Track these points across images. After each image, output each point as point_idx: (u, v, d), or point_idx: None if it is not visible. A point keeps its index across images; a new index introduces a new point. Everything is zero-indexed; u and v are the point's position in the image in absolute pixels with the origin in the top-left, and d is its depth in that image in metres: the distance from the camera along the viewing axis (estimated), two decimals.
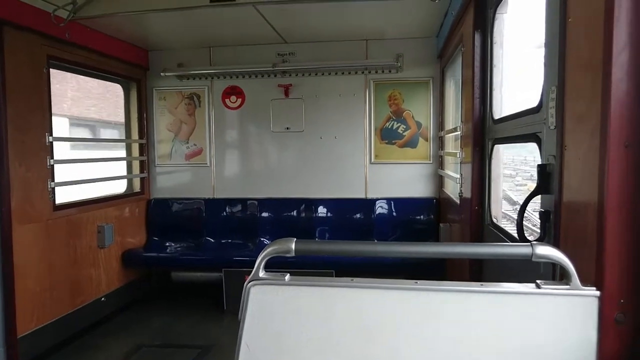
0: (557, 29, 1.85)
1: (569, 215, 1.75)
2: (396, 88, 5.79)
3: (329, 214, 5.98)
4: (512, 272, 2.41)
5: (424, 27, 5.23)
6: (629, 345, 1.46)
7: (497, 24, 3.25)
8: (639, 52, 1.40)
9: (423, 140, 5.81)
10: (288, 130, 6.01)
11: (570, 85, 1.76)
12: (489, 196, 3.36)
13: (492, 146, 3.27)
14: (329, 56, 5.69)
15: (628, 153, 1.43)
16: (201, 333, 4.98)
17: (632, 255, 1.44)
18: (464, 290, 1.50)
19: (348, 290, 1.54)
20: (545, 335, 1.47)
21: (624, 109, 1.42)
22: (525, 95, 2.46)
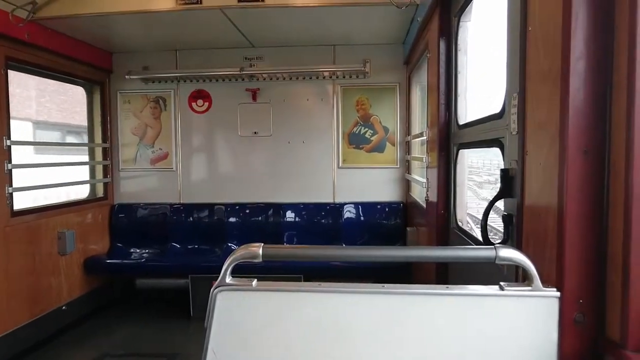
0: (518, 38, 1.90)
1: (531, 219, 1.80)
2: (363, 93, 5.85)
3: (297, 219, 5.97)
4: (477, 275, 2.46)
5: (391, 34, 5.30)
6: (588, 344, 1.51)
7: (461, 32, 3.32)
8: (596, 61, 1.45)
9: (390, 145, 5.87)
10: (256, 134, 5.98)
11: (530, 93, 1.81)
12: (454, 200, 3.42)
13: (457, 151, 3.33)
14: (296, 61, 5.70)
15: (586, 159, 1.48)
16: (167, 341, 4.89)
17: (590, 257, 1.49)
18: (430, 293, 1.52)
19: (316, 295, 1.54)
20: (509, 335, 1.50)
21: (582, 116, 1.47)
22: (490, 101, 2.52)
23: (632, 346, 1.37)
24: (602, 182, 1.48)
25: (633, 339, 1.37)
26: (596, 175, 1.48)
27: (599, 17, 1.45)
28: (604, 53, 1.45)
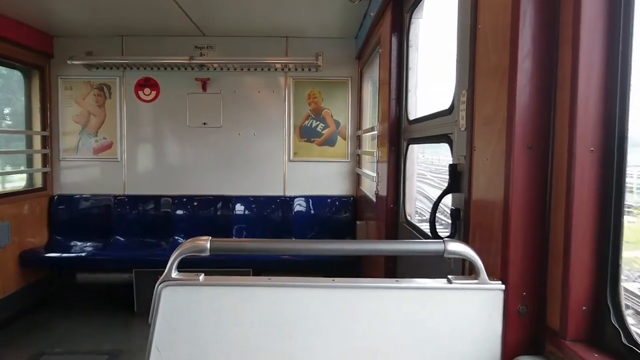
0: (468, 35, 1.93)
1: (477, 213, 1.84)
2: (315, 87, 5.84)
3: (247, 212, 5.91)
4: (426, 268, 2.50)
5: (344, 28, 5.30)
6: (529, 334, 1.56)
7: (412, 28, 3.36)
8: (542, 59, 1.49)
9: (341, 139, 5.90)
10: (205, 125, 5.86)
11: (479, 90, 1.84)
12: (403, 194, 3.46)
13: (407, 146, 3.37)
14: (248, 51, 5.61)
15: (530, 155, 1.52)
16: (109, 338, 4.72)
17: (533, 250, 1.54)
18: (379, 286, 1.53)
19: (265, 289, 1.51)
20: (456, 327, 1.53)
21: (527, 113, 1.51)
22: (440, 97, 2.56)
23: (571, 335, 1.43)
24: (545, 177, 1.52)
25: (571, 329, 1.43)
26: (540, 171, 1.52)
27: (546, 16, 1.49)
28: (550, 52, 1.49)
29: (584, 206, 1.40)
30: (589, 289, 1.43)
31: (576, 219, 1.40)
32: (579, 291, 1.43)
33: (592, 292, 1.43)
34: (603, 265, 1.41)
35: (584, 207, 1.40)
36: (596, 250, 1.42)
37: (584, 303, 1.43)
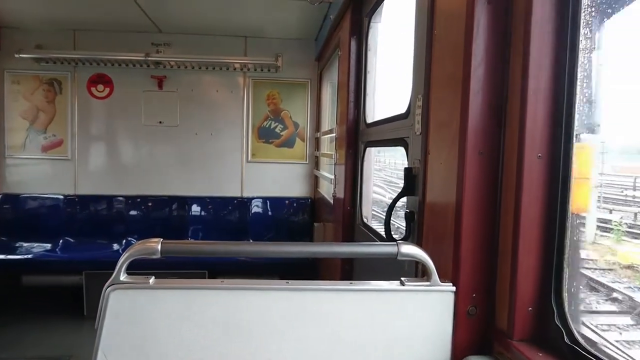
0: (424, 41, 1.96)
1: (431, 216, 1.87)
2: (275, 87, 5.81)
3: (203, 213, 5.82)
4: (381, 270, 2.53)
5: (304, 29, 5.30)
6: (479, 335, 1.59)
7: (371, 32, 3.39)
8: (494, 67, 1.54)
9: (300, 141, 5.89)
10: (161, 124, 5.73)
11: (434, 95, 1.88)
12: (360, 197, 3.49)
13: (364, 149, 3.40)
14: (206, 50, 5.52)
15: (481, 160, 1.56)
16: (58, 343, 4.54)
17: (484, 253, 1.58)
18: (334, 289, 1.53)
19: (218, 292, 1.49)
20: (408, 328, 1.55)
21: (479, 119, 1.55)
22: (397, 101, 2.59)
23: (517, 335, 1.47)
24: (495, 182, 1.57)
25: (518, 329, 1.47)
26: (490, 176, 1.57)
27: (498, 26, 1.53)
28: (502, 61, 1.54)
29: (531, 210, 1.45)
30: (535, 290, 1.48)
31: (524, 222, 1.45)
32: (526, 292, 1.47)
33: (538, 293, 1.48)
34: (548, 267, 1.46)
35: (531, 211, 1.45)
36: (542, 252, 1.47)
37: (530, 304, 1.47)
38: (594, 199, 2.36)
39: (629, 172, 13.57)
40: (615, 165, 8.42)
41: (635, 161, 12.37)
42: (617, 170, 12.34)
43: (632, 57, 1.88)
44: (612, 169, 10.20)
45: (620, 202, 17.81)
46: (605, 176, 18.46)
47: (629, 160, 11.17)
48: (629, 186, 17.38)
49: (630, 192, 14.76)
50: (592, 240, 3.77)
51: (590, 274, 4.15)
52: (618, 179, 16.33)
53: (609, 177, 18.37)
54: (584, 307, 3.67)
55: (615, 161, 7.09)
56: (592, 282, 4.14)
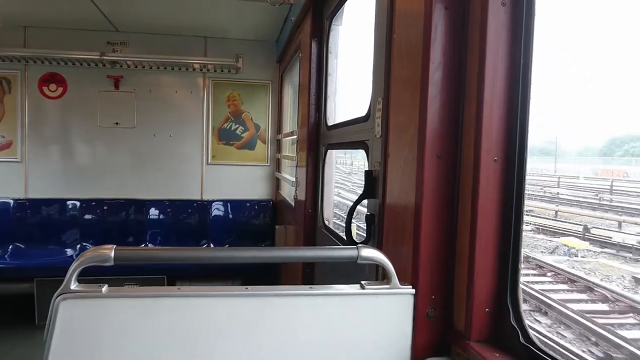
0: (384, 45, 1.98)
1: (391, 219, 1.88)
2: (235, 89, 5.75)
3: (162, 216, 5.69)
4: (342, 274, 2.53)
5: (265, 31, 5.27)
6: (438, 336, 1.61)
7: (332, 35, 3.39)
8: (452, 71, 1.56)
9: (261, 143, 5.85)
10: (117, 125, 5.57)
11: (394, 98, 1.89)
12: (322, 199, 3.48)
13: (325, 151, 3.40)
14: (165, 50, 5.41)
15: (439, 163, 1.58)
16: (8, 353, 4.34)
17: (442, 255, 1.60)
18: (293, 294, 1.51)
19: (174, 300, 1.44)
20: (368, 332, 1.55)
21: (437, 123, 1.56)
22: (357, 104, 2.60)
23: (475, 336, 1.49)
24: (453, 185, 1.59)
25: (475, 330, 1.49)
26: (448, 179, 1.59)
27: (456, 30, 1.55)
28: (459, 65, 1.56)
29: (488, 212, 1.47)
30: (492, 291, 1.50)
31: (480, 224, 1.47)
32: (482, 293, 1.50)
33: (494, 293, 1.50)
34: (504, 268, 1.49)
35: (488, 214, 1.48)
36: (498, 254, 1.49)
37: (486, 305, 1.50)
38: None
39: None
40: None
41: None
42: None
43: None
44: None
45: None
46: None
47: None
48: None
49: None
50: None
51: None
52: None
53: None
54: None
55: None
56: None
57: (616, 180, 29.36)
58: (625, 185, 27.06)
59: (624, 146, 71.00)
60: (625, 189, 25.17)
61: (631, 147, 68.66)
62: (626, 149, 69.16)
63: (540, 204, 20.98)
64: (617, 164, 49.09)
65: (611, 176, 33.70)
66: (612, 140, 75.52)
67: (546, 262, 11.75)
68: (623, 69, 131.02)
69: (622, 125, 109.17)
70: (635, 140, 72.51)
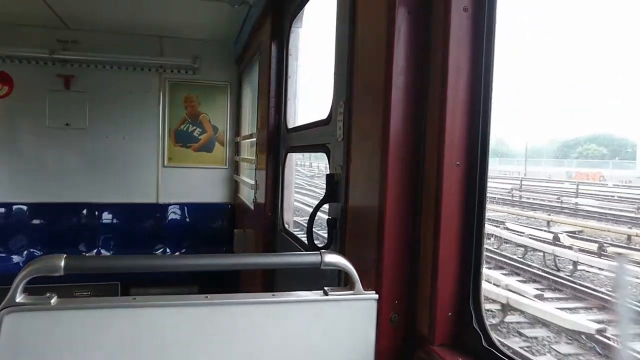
0: (346, 48, 1.96)
1: (354, 223, 1.87)
2: (193, 90, 5.62)
3: (115, 221, 5.50)
4: (305, 279, 2.50)
5: (223, 31, 5.18)
6: (401, 341, 1.61)
7: (292, 37, 3.36)
8: (415, 76, 1.56)
9: (219, 145, 5.74)
10: (68, 126, 5.34)
11: (356, 102, 1.88)
12: (281, 203, 3.45)
13: (285, 154, 3.36)
14: (118, 49, 5.23)
15: (403, 167, 1.57)
16: None
17: (406, 260, 1.59)
18: (254, 302, 1.47)
19: (129, 311, 1.37)
20: (332, 338, 1.53)
21: (400, 127, 1.56)
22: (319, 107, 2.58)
23: (438, 341, 1.50)
24: (416, 189, 1.58)
25: (439, 334, 1.50)
26: (412, 183, 1.58)
27: (419, 34, 1.55)
28: (422, 70, 1.56)
29: (451, 217, 1.48)
30: (455, 295, 1.51)
31: (443, 229, 1.47)
32: (446, 297, 1.50)
33: (457, 297, 1.51)
34: (466, 272, 1.49)
35: (451, 218, 1.48)
36: (461, 258, 1.50)
37: (449, 309, 1.50)
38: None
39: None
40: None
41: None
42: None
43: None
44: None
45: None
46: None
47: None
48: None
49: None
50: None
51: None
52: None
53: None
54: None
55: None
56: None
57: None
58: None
59: (578, 148, 74.25)
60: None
61: (585, 149, 71.86)
62: (580, 150, 72.33)
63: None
64: (574, 167, 51.38)
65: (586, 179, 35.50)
66: (565, 143, 78.81)
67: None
68: (573, 72, 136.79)
69: (574, 128, 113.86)
70: (588, 142, 75.92)
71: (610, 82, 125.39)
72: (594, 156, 64.71)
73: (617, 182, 33.85)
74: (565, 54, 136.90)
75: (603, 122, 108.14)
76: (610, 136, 79.49)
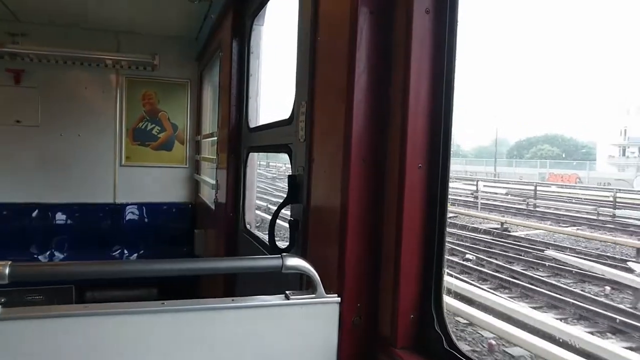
0: (308, 48, 1.93)
1: (316, 225, 1.84)
2: (151, 87, 5.47)
3: (70, 221, 5.29)
4: (266, 282, 2.46)
5: (183, 27, 5.06)
6: (364, 344, 1.59)
7: (254, 35, 3.31)
8: (377, 77, 1.54)
9: (179, 144, 5.61)
10: (19, 123, 5.10)
11: (318, 102, 1.85)
12: (243, 203, 3.39)
13: (247, 154, 3.31)
14: (73, 43, 5.01)
15: (365, 168, 1.56)
16: None
17: (368, 261, 1.58)
18: (215, 307, 1.43)
19: (81, 320, 1.31)
20: (294, 342, 1.50)
21: (363, 128, 1.54)
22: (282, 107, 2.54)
23: (400, 343, 1.49)
24: (379, 190, 1.57)
25: (401, 337, 1.49)
26: (374, 184, 1.57)
27: (381, 36, 1.54)
28: (385, 71, 1.55)
29: (413, 219, 1.48)
30: (417, 297, 1.51)
31: (406, 231, 1.47)
32: (408, 299, 1.49)
33: (419, 299, 1.51)
34: (428, 274, 1.49)
35: (413, 220, 1.48)
36: (423, 260, 1.50)
37: (412, 311, 1.50)
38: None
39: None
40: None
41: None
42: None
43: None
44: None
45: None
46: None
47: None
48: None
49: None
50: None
51: None
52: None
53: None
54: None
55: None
56: None
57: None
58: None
59: (532, 148, 76.63)
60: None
61: (539, 150, 74.20)
62: (534, 151, 74.66)
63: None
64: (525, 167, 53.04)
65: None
66: (518, 143, 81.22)
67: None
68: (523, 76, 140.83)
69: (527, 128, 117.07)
70: (541, 142, 78.48)
71: (560, 85, 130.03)
72: (547, 156, 67.06)
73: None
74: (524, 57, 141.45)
75: (554, 123, 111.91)
76: (562, 137, 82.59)
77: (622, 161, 57.22)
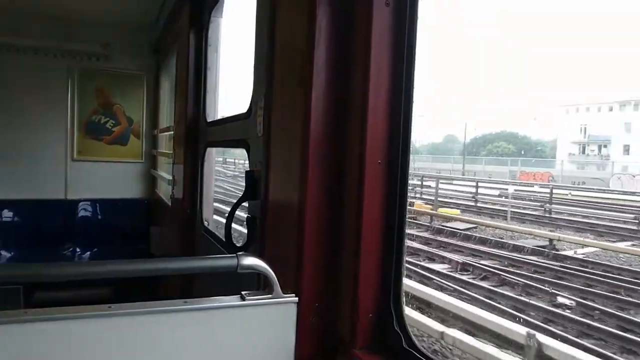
0: (266, 41, 1.88)
1: (274, 222, 1.80)
2: (105, 79, 5.27)
3: (17, 219, 5.05)
4: (223, 281, 2.39)
5: (138, 17, 4.88)
6: (322, 345, 1.56)
7: (212, 27, 3.22)
8: (337, 73, 1.51)
9: (135, 138, 5.44)
10: None
11: (277, 97, 1.80)
12: (200, 199, 3.31)
13: (205, 148, 3.23)
14: (17, 31, 4.75)
15: (324, 164, 1.52)
16: None
17: (326, 260, 1.55)
18: (166, 310, 1.36)
19: (20, 326, 1.22)
20: (250, 344, 1.46)
21: (322, 123, 1.51)
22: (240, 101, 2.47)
23: (359, 344, 1.46)
24: (339, 187, 1.54)
25: (360, 337, 1.46)
26: (334, 181, 1.54)
27: (340, 31, 1.50)
28: (344, 68, 1.51)
29: (372, 217, 1.45)
30: (376, 295, 1.48)
31: (365, 229, 1.44)
32: (367, 299, 1.47)
33: (379, 298, 1.48)
34: (387, 273, 1.47)
35: (372, 218, 1.45)
36: (382, 259, 1.48)
37: (371, 310, 1.47)
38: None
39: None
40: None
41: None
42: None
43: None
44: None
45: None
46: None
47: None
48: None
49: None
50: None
51: None
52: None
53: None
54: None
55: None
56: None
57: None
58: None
59: (488, 145, 78.65)
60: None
61: (495, 147, 76.21)
62: (489, 148, 76.66)
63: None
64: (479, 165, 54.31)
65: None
66: (474, 140, 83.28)
67: None
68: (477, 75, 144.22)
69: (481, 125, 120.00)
70: (497, 140, 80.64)
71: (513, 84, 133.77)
72: (503, 153, 69.04)
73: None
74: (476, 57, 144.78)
75: (508, 120, 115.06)
76: (516, 134, 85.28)
77: (582, 159, 59.53)
